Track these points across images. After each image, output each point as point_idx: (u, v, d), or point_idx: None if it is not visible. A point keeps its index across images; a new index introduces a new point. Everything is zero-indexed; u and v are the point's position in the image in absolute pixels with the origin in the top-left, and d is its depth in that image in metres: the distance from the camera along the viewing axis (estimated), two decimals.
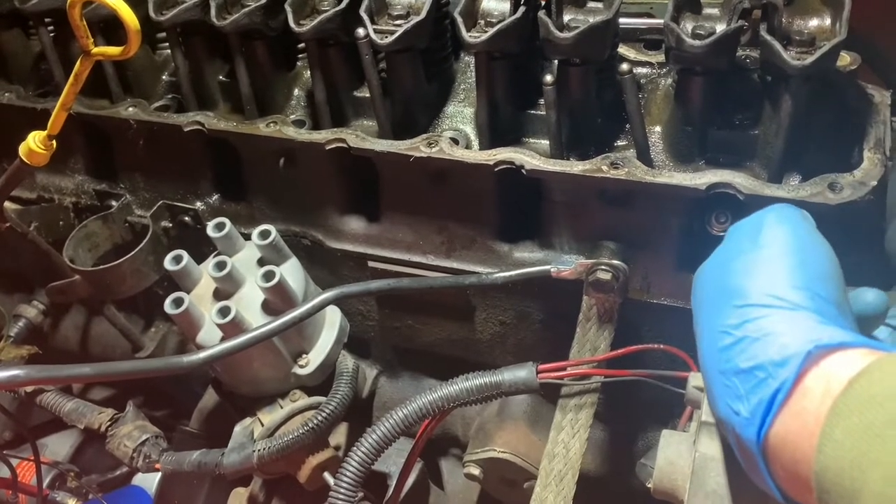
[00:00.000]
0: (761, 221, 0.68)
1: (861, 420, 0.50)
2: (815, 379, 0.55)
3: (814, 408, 0.54)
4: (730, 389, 0.60)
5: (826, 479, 0.51)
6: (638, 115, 0.98)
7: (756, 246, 0.66)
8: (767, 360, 0.58)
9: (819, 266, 0.64)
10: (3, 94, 1.35)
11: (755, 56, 1.03)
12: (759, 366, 0.58)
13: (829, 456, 0.51)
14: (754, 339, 0.59)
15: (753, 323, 0.60)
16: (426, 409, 0.98)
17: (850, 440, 0.50)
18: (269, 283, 1.05)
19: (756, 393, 0.58)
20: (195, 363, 0.93)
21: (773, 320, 0.60)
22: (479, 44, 0.99)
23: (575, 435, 0.99)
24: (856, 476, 0.49)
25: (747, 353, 0.59)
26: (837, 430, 0.51)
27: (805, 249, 0.65)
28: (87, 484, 1.35)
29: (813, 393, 0.55)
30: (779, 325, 0.59)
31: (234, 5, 1.16)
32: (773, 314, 0.60)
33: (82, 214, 1.36)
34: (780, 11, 0.92)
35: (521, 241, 1.13)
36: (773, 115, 0.97)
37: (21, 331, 1.39)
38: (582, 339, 1.02)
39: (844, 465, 0.50)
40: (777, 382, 0.56)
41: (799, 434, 0.55)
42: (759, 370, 0.58)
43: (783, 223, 0.67)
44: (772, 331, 0.59)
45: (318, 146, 1.11)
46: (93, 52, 0.98)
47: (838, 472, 0.50)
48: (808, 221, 0.69)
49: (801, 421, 0.55)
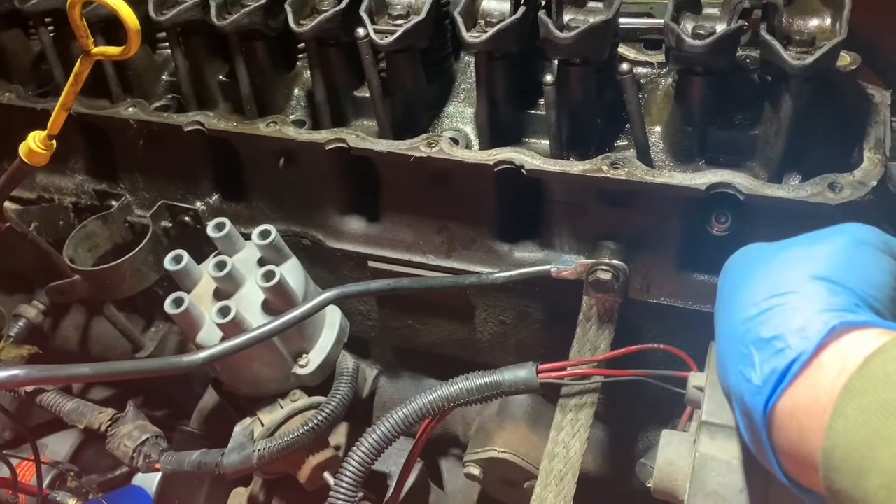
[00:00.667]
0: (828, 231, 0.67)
1: (875, 398, 0.50)
2: (832, 355, 0.55)
3: (828, 383, 0.54)
4: (745, 357, 0.60)
5: (835, 455, 0.51)
6: (638, 115, 0.98)
7: (811, 242, 0.66)
8: (788, 331, 0.58)
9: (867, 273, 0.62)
10: (3, 94, 1.35)
11: (755, 56, 1.03)
12: (779, 336, 0.58)
13: (839, 433, 0.51)
14: (779, 310, 0.60)
15: (782, 297, 0.60)
16: (426, 409, 0.98)
17: (863, 417, 0.50)
18: (269, 283, 1.05)
19: (771, 362, 0.58)
20: (195, 363, 0.93)
21: (801, 297, 0.60)
22: (479, 44, 0.99)
23: (575, 435, 0.99)
24: (865, 454, 0.49)
25: (770, 324, 0.60)
26: (850, 407, 0.51)
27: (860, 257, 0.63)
28: (87, 484, 1.35)
29: (828, 368, 0.55)
30: (806, 302, 0.59)
31: (234, 5, 1.16)
32: (803, 293, 0.60)
33: (82, 214, 1.36)
34: (781, 11, 0.92)
35: (521, 241, 1.13)
36: (774, 115, 0.97)
37: (21, 331, 1.39)
38: (582, 339, 1.02)
39: (856, 442, 0.50)
40: (794, 353, 0.57)
41: (809, 409, 0.54)
42: (778, 340, 0.58)
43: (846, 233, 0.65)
44: (798, 305, 0.59)
45: (318, 146, 1.11)
46: (93, 52, 0.98)
47: (848, 450, 0.50)
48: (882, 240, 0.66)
49: (813, 395, 0.55)
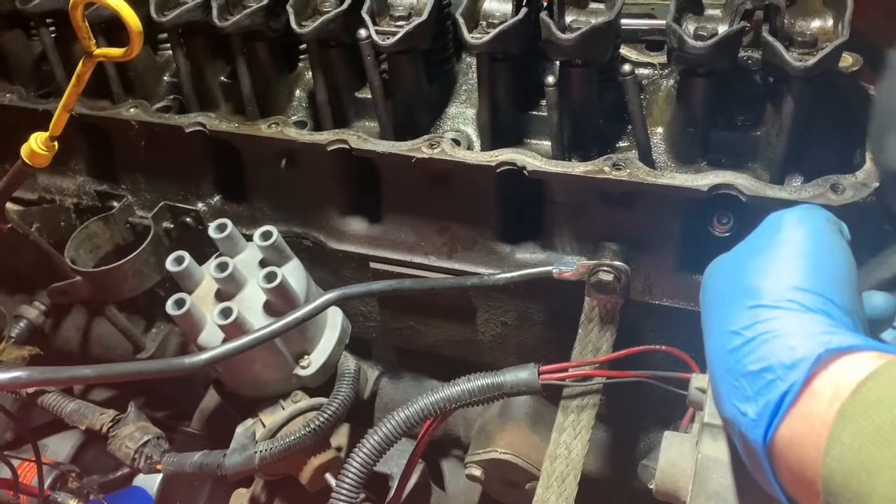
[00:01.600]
0: (781, 221, 0.68)
1: (869, 423, 0.50)
2: (824, 382, 0.55)
3: (822, 411, 0.54)
4: (737, 390, 0.60)
5: (833, 482, 0.51)
6: (640, 117, 0.98)
7: (773, 244, 0.66)
8: (777, 363, 0.57)
9: (834, 270, 0.64)
10: (5, 96, 1.35)
11: (757, 57, 1.03)
12: (769, 368, 0.58)
13: (836, 459, 0.51)
14: (764, 340, 0.59)
15: (764, 324, 0.60)
16: (428, 410, 0.98)
17: (858, 444, 0.50)
18: (270, 285, 1.05)
19: (764, 395, 0.58)
20: (197, 364, 0.93)
21: (783, 322, 0.59)
22: (480, 45, 0.99)
23: (577, 436, 0.99)
24: (864, 480, 0.49)
25: (757, 355, 0.59)
26: (845, 433, 0.51)
27: (821, 252, 0.64)
28: (88, 485, 1.35)
29: (821, 396, 0.55)
30: (789, 328, 0.59)
31: (235, 6, 1.16)
32: (784, 316, 0.60)
33: (84, 215, 1.36)
34: (783, 13, 0.92)
35: (522, 242, 1.13)
36: (776, 116, 0.97)
37: (22, 332, 1.39)
38: (584, 341, 1.02)
39: (852, 468, 0.50)
40: (786, 385, 0.56)
41: (806, 437, 0.54)
42: (768, 372, 0.58)
43: (803, 224, 0.66)
44: (782, 333, 0.59)
45: (319, 147, 1.11)
46: (95, 53, 0.98)
47: (846, 476, 0.50)
48: (832, 223, 0.68)
49: (809, 424, 0.54)
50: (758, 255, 0.66)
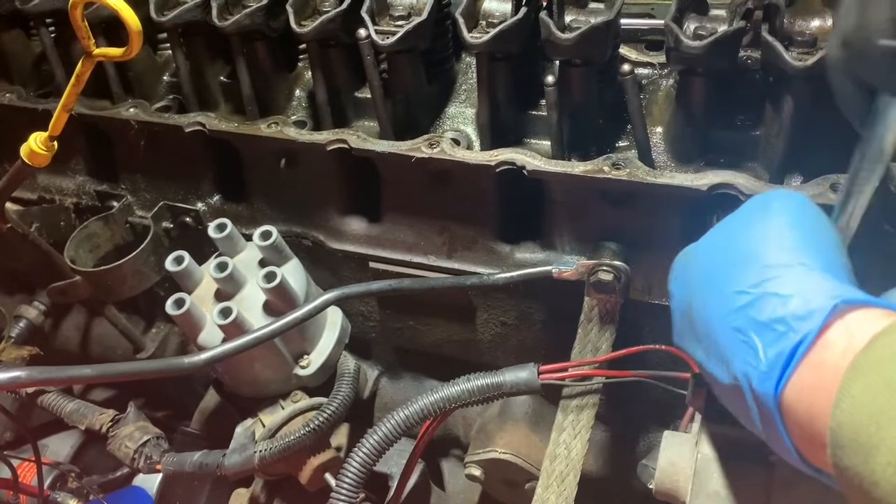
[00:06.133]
0: (768, 198, 0.69)
1: (881, 377, 0.50)
2: (839, 333, 0.55)
3: (833, 362, 0.54)
4: (747, 345, 0.60)
5: (841, 434, 0.51)
6: (639, 116, 0.98)
7: (766, 216, 0.67)
8: (789, 314, 0.58)
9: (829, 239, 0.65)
10: (5, 95, 1.35)
11: (757, 57, 1.03)
12: (781, 319, 0.58)
13: (845, 412, 0.51)
14: (775, 294, 0.60)
15: (772, 282, 0.61)
16: (427, 410, 0.98)
17: (869, 396, 0.50)
18: (270, 284, 1.05)
19: (775, 346, 0.58)
20: (197, 364, 0.93)
21: (793, 278, 0.60)
22: (480, 44, 0.99)
23: (576, 436, 0.99)
24: (872, 432, 0.49)
25: (768, 309, 0.60)
26: (856, 385, 0.51)
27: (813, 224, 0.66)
28: (87, 485, 1.35)
29: (834, 347, 0.55)
30: (800, 284, 0.59)
31: (235, 6, 1.16)
32: (792, 273, 0.60)
33: (83, 215, 1.36)
34: (782, 12, 0.92)
35: (522, 242, 1.13)
36: (775, 115, 0.97)
37: (22, 331, 1.39)
38: (583, 340, 1.02)
39: (862, 420, 0.50)
40: (799, 335, 0.57)
41: (816, 388, 0.54)
42: (780, 323, 0.58)
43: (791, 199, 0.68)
44: (794, 287, 0.59)
45: (319, 147, 1.11)
46: (94, 52, 0.98)
47: (855, 428, 0.50)
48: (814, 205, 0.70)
49: (819, 374, 0.55)
50: (751, 226, 0.67)
